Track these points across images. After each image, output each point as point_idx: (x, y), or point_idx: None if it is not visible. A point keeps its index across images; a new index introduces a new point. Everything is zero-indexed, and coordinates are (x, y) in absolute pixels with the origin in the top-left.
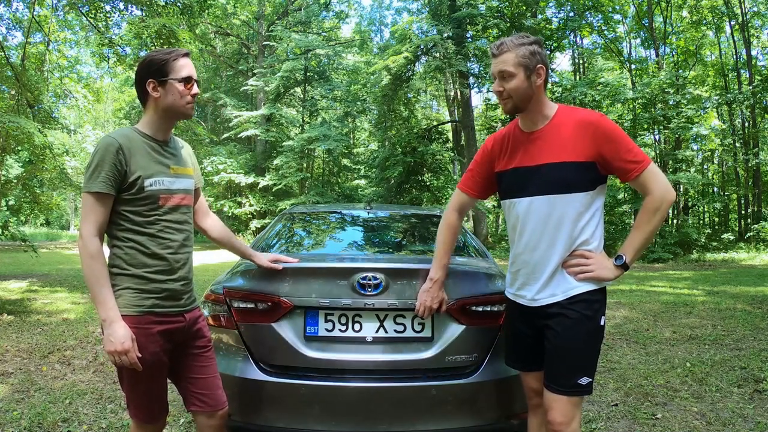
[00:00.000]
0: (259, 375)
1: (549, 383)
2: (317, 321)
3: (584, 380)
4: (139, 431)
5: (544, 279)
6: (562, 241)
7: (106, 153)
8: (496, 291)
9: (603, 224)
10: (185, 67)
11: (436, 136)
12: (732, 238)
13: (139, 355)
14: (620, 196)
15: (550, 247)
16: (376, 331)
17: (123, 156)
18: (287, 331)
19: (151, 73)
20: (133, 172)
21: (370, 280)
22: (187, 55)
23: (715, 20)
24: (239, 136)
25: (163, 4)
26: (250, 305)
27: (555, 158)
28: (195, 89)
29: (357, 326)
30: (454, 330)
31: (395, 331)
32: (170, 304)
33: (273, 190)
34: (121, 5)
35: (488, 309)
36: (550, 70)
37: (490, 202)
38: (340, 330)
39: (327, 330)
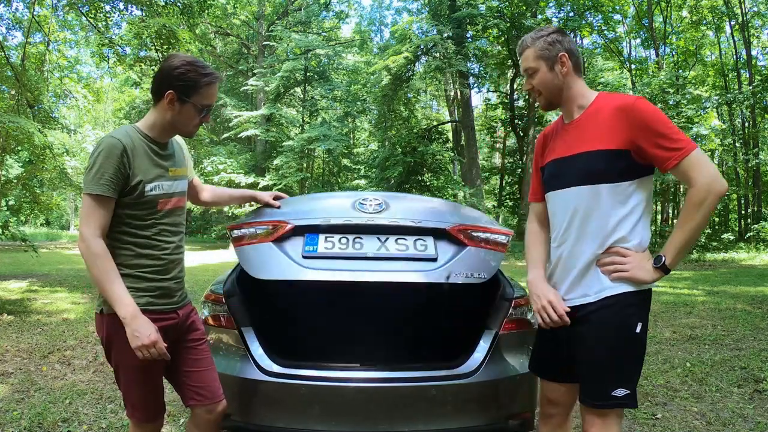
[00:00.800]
0: (259, 375)
1: (581, 396)
2: (316, 241)
3: (620, 392)
4: (137, 431)
5: (574, 276)
6: (592, 236)
7: (110, 155)
8: (497, 228)
9: (647, 221)
10: (212, 96)
11: (436, 136)
12: (732, 238)
13: (166, 345)
14: None
15: (579, 241)
16: (377, 250)
17: (127, 158)
18: (286, 249)
19: (177, 85)
20: (135, 175)
21: (371, 201)
22: (219, 80)
23: (715, 20)
24: (239, 136)
25: (163, 4)
26: (250, 230)
27: (587, 147)
28: (207, 117)
29: (358, 245)
30: (458, 250)
31: (397, 250)
32: (164, 302)
33: (273, 190)
34: (121, 5)
35: (489, 236)
36: (578, 56)
37: (490, 202)
38: (340, 248)
39: (326, 248)
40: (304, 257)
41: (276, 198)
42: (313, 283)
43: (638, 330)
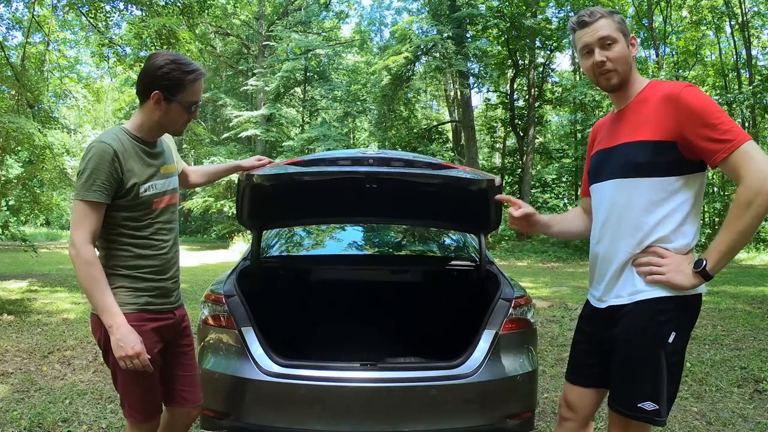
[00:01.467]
0: (259, 375)
1: (609, 399)
2: None
3: (648, 405)
4: (134, 431)
5: (610, 276)
6: (629, 234)
7: (101, 160)
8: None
9: (695, 221)
10: (197, 93)
11: (436, 136)
12: None
13: (150, 357)
14: None
15: (616, 239)
16: None
17: (119, 162)
18: None
19: (162, 85)
20: (128, 179)
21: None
22: (204, 76)
23: (715, 20)
24: (239, 136)
25: (163, 4)
26: None
27: (630, 137)
28: (196, 115)
29: None
30: None
31: None
32: (162, 302)
33: None
34: (121, 5)
35: None
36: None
37: None
38: None
39: None
40: None
41: (258, 160)
42: (313, 283)
43: (671, 340)
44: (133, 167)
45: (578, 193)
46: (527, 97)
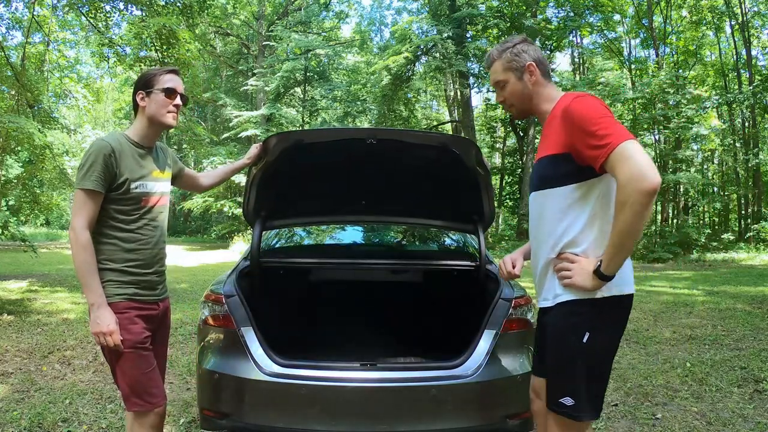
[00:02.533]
0: (259, 375)
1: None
2: None
3: (567, 401)
4: (140, 423)
5: (538, 280)
6: (545, 241)
7: (99, 155)
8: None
9: (600, 225)
10: (170, 81)
11: None
12: (732, 238)
13: (122, 338)
14: None
15: (538, 246)
16: None
17: (114, 159)
18: None
19: (141, 85)
20: (122, 174)
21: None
22: (174, 71)
23: (715, 20)
24: (239, 136)
25: (163, 3)
26: None
27: (542, 153)
28: (177, 101)
29: None
30: None
31: None
32: (147, 293)
33: None
34: (121, 5)
35: None
36: (546, 63)
37: None
38: None
39: None
40: None
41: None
42: (313, 283)
43: (585, 340)
44: (127, 165)
45: None
46: None
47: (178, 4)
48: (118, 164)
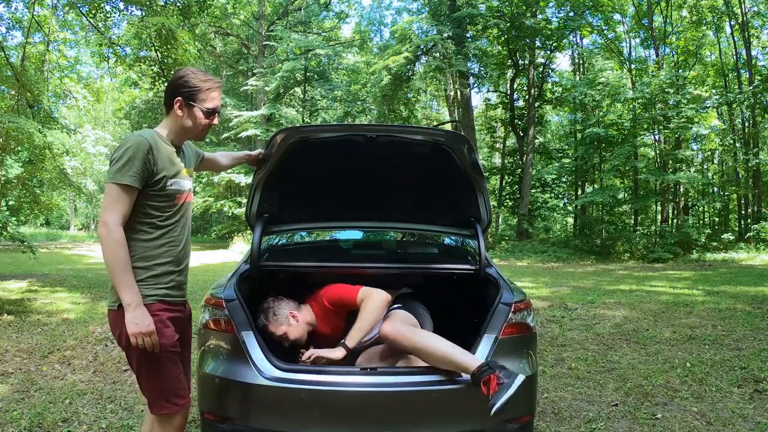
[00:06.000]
0: (259, 379)
1: None
2: None
3: None
4: (165, 425)
5: None
6: None
7: (138, 150)
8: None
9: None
10: (214, 100)
11: None
12: (732, 238)
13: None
14: (620, 196)
15: None
16: None
17: (152, 155)
18: None
19: (183, 93)
20: (159, 171)
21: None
22: (220, 86)
23: (715, 20)
24: (239, 136)
25: (163, 3)
26: None
27: None
28: (215, 120)
29: None
30: None
31: None
32: (176, 294)
33: None
34: (121, 5)
35: None
36: None
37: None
38: None
39: None
40: None
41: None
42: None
43: None
44: (164, 162)
45: (578, 193)
46: (527, 97)
47: (178, 4)
48: (155, 161)
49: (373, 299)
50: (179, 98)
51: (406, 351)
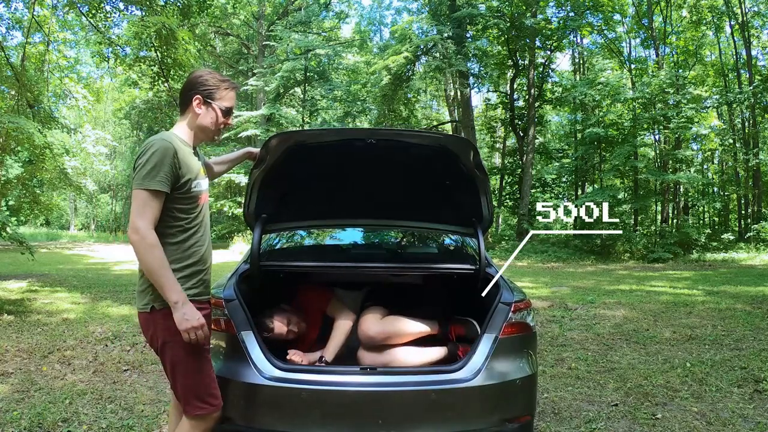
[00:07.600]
0: (259, 379)
1: None
2: None
3: None
4: (198, 428)
5: None
6: None
7: (165, 155)
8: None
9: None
10: (231, 99)
11: None
12: (732, 238)
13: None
14: (620, 196)
15: None
16: None
17: (177, 159)
18: None
19: (202, 91)
20: (184, 174)
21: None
22: (236, 88)
23: (715, 20)
24: (239, 135)
25: (163, 3)
26: None
27: None
28: (230, 121)
29: None
30: None
31: None
32: (205, 292)
33: None
34: (121, 5)
35: None
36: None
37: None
38: None
39: None
40: None
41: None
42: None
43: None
44: (187, 165)
45: (578, 193)
46: (527, 97)
47: (178, 4)
48: (180, 164)
49: (340, 321)
50: (198, 96)
51: (389, 342)
